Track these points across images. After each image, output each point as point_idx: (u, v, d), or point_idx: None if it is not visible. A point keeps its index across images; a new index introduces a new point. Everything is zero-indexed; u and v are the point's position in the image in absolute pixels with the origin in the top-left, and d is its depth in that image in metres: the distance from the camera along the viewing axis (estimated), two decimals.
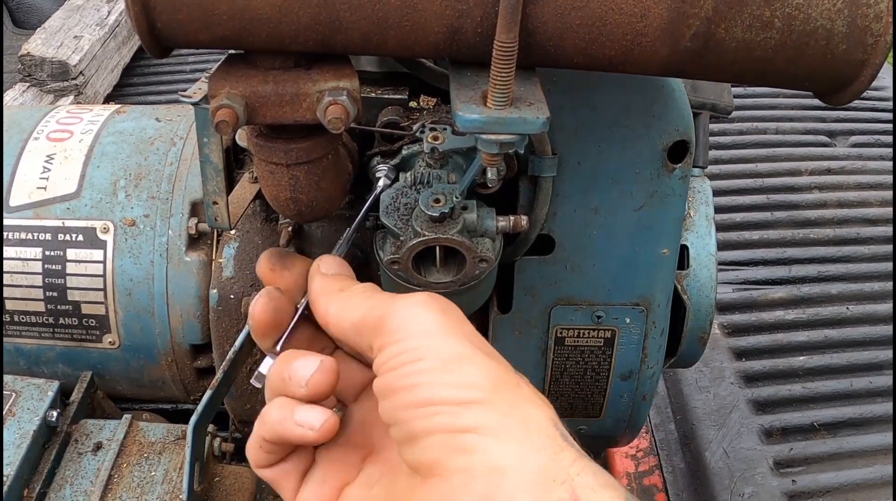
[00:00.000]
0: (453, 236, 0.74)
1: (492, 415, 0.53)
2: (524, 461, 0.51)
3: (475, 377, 0.54)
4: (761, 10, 0.60)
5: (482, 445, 0.52)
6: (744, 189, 2.26)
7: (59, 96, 2.41)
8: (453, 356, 0.55)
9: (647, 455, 1.70)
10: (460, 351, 0.55)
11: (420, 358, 0.55)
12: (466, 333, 0.58)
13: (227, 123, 0.63)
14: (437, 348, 0.56)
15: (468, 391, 0.53)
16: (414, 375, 0.55)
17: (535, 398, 0.55)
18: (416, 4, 0.61)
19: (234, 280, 1.00)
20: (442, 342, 0.56)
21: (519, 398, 0.54)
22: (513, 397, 0.54)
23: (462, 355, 0.55)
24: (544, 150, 0.85)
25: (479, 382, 0.54)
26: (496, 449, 0.52)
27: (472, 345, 0.56)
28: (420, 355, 0.56)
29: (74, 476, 0.95)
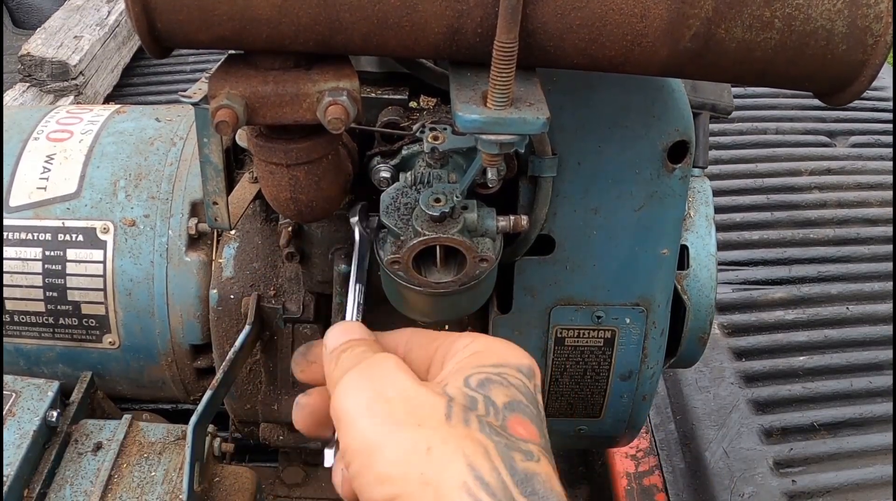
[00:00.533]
0: (454, 235, 0.74)
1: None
2: None
3: (386, 467, 0.56)
4: (761, 10, 0.60)
5: None
6: (744, 189, 2.26)
7: (59, 96, 2.41)
8: (368, 449, 0.57)
9: (647, 455, 1.70)
10: (372, 441, 0.57)
11: (350, 462, 0.58)
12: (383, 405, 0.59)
13: (227, 123, 0.63)
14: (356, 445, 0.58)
15: (384, 487, 0.55)
16: (354, 479, 0.58)
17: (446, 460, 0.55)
18: (416, 5, 0.61)
19: (234, 280, 1.00)
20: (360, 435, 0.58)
21: (428, 471, 0.55)
22: (422, 473, 0.55)
23: (372, 445, 0.57)
24: (544, 150, 0.85)
25: (390, 471, 0.55)
26: None
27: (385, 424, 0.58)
28: (349, 458, 0.58)
29: (74, 477, 0.95)
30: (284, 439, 1.11)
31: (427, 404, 0.58)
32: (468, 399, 0.58)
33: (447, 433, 0.56)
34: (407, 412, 0.58)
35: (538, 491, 0.54)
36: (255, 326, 0.97)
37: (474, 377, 0.60)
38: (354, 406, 0.59)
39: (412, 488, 0.55)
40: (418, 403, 0.58)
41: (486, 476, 0.54)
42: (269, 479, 1.27)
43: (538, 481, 0.55)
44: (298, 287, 0.99)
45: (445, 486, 0.54)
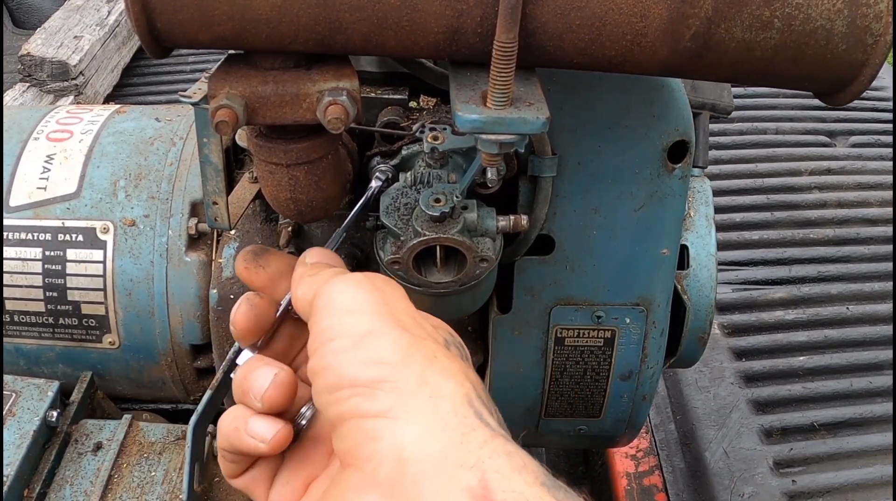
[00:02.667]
0: (454, 235, 0.74)
1: (400, 395, 0.50)
2: (430, 445, 0.48)
3: (384, 351, 0.52)
4: (761, 10, 0.60)
5: (389, 430, 0.49)
6: (744, 189, 2.26)
7: (59, 96, 2.41)
8: (366, 331, 0.53)
9: (647, 455, 1.70)
10: (375, 326, 0.53)
11: (333, 338, 0.54)
12: (392, 308, 0.55)
13: (227, 123, 0.63)
14: (351, 325, 0.54)
15: (377, 368, 0.51)
16: (328, 355, 0.53)
17: (452, 370, 0.52)
18: (415, 4, 0.61)
19: (234, 280, 1.00)
20: (358, 319, 0.54)
21: (431, 371, 0.51)
22: (424, 370, 0.51)
23: (375, 330, 0.53)
24: (544, 150, 0.85)
25: (387, 356, 0.51)
26: (402, 434, 0.49)
27: (392, 320, 0.54)
28: (333, 334, 0.54)
29: (74, 477, 0.95)
30: None
31: (428, 328, 0.56)
32: (459, 346, 0.58)
33: (451, 354, 0.54)
34: (413, 324, 0.55)
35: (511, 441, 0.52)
36: None
37: (453, 337, 0.60)
38: (359, 299, 0.55)
39: (408, 377, 0.50)
40: (421, 323, 0.56)
41: (484, 399, 0.52)
42: None
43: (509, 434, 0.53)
44: None
45: (446, 389, 0.50)
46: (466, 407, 0.50)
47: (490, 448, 0.48)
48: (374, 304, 0.55)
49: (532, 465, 0.49)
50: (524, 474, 0.47)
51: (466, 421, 0.49)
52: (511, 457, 0.48)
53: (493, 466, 0.47)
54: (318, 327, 0.56)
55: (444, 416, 0.49)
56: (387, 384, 0.50)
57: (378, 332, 0.53)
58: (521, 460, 0.48)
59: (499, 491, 0.46)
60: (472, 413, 0.50)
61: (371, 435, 0.50)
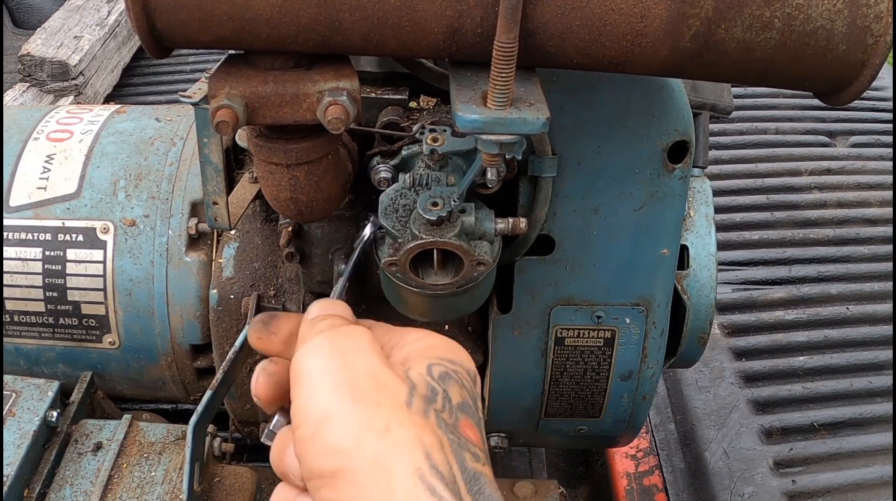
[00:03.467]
0: (451, 239, 0.74)
1: (357, 486, 0.53)
2: None
3: (338, 437, 0.54)
4: (761, 10, 0.60)
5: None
6: (744, 189, 2.26)
7: (59, 96, 2.41)
8: (322, 416, 0.55)
9: (647, 455, 1.70)
10: (330, 408, 0.56)
11: (299, 424, 0.57)
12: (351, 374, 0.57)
13: (227, 123, 0.63)
14: (310, 409, 0.56)
15: (335, 457, 0.54)
16: (297, 445, 0.57)
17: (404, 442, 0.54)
18: (416, 5, 0.61)
19: (234, 280, 1.00)
20: (315, 401, 0.56)
21: (384, 450, 0.54)
22: (377, 451, 0.53)
23: (330, 412, 0.55)
24: (544, 150, 0.85)
25: (342, 442, 0.54)
26: None
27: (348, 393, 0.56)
28: (299, 419, 0.57)
29: (74, 477, 0.95)
30: None
31: (390, 385, 0.57)
32: (429, 390, 0.58)
33: (407, 419, 0.55)
34: (370, 388, 0.56)
35: (484, 491, 0.54)
36: None
37: (436, 368, 0.60)
38: (317, 369, 0.58)
39: (362, 464, 0.53)
40: (382, 382, 0.57)
41: (440, 467, 0.53)
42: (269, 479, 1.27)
43: (484, 482, 0.55)
44: (298, 287, 0.99)
45: (399, 469, 0.53)
46: (418, 486, 0.52)
47: None
48: (331, 374, 0.57)
49: None
50: None
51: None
52: None
53: None
54: (292, 407, 0.59)
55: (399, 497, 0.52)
56: (344, 473, 0.53)
57: (332, 414, 0.55)
58: None
59: None
60: (425, 491, 0.52)
61: None
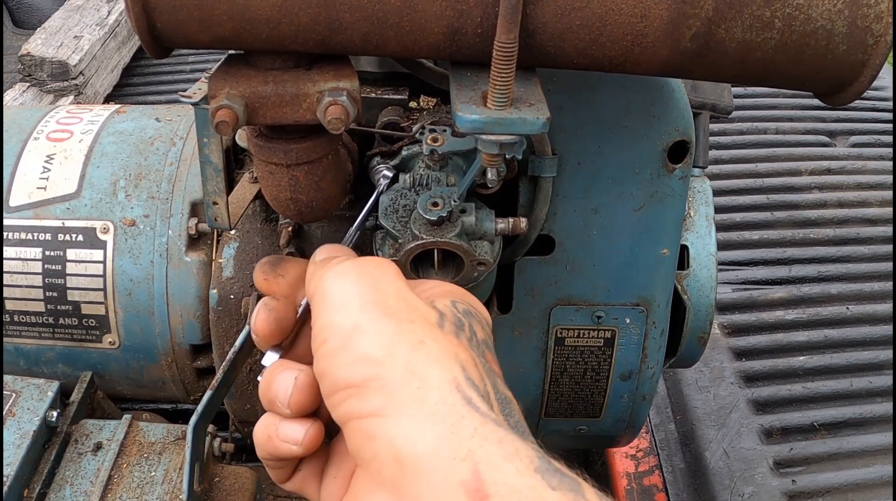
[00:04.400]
0: (451, 239, 0.74)
1: (388, 392, 0.51)
2: (422, 440, 0.49)
3: (369, 347, 0.52)
4: (761, 10, 0.60)
5: (383, 428, 0.50)
6: (744, 189, 2.26)
7: (59, 96, 2.41)
8: (352, 328, 0.54)
9: (647, 455, 1.70)
10: (360, 321, 0.54)
11: (326, 339, 0.55)
12: (381, 295, 0.56)
13: (227, 123, 0.63)
14: (338, 323, 0.55)
15: (364, 366, 0.52)
16: (322, 360, 0.55)
17: (438, 354, 0.52)
18: (416, 5, 0.61)
19: (234, 280, 1.00)
20: (344, 315, 0.55)
21: (417, 360, 0.52)
22: (410, 360, 0.51)
23: (360, 324, 0.54)
24: (544, 150, 0.85)
25: (372, 352, 0.52)
26: (396, 431, 0.50)
27: (378, 309, 0.55)
28: (325, 334, 0.55)
29: (74, 477, 0.95)
30: None
31: (420, 308, 0.57)
32: (456, 319, 0.57)
33: (440, 335, 0.54)
34: (401, 308, 0.55)
35: (514, 415, 0.53)
36: None
37: (460, 305, 0.60)
38: (347, 289, 0.56)
39: (394, 372, 0.51)
40: (412, 304, 0.56)
41: (475, 380, 0.52)
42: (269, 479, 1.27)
43: (514, 407, 0.54)
44: None
45: (433, 377, 0.51)
46: (455, 394, 0.50)
47: (480, 435, 0.48)
48: (361, 294, 0.56)
49: (524, 450, 0.48)
50: (515, 461, 0.47)
51: (455, 410, 0.49)
52: (502, 444, 0.48)
53: (484, 456, 0.47)
54: (315, 327, 0.57)
55: (433, 407, 0.50)
56: (375, 381, 0.51)
57: (363, 326, 0.54)
58: (513, 445, 0.48)
59: (491, 484, 0.46)
60: (461, 400, 0.50)
61: (369, 435, 0.51)
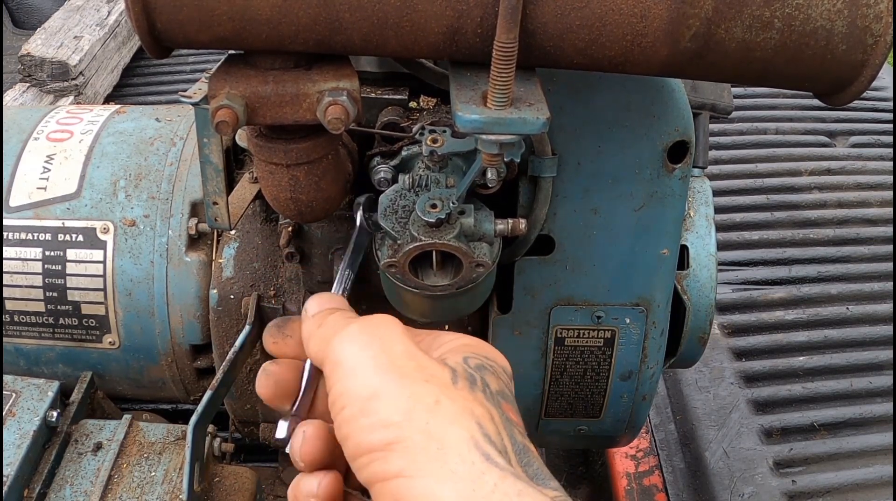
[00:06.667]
0: (450, 241, 0.74)
1: (410, 454, 0.53)
2: (444, 498, 0.51)
3: (388, 412, 0.54)
4: (761, 10, 0.60)
5: (408, 489, 0.52)
6: (744, 189, 2.26)
7: (59, 97, 2.41)
8: (369, 394, 0.56)
9: (647, 455, 1.70)
10: (377, 386, 0.56)
11: (344, 406, 0.57)
12: (392, 357, 0.58)
13: (227, 123, 0.63)
14: (356, 390, 0.56)
15: (384, 431, 0.54)
16: (343, 425, 0.56)
17: (454, 414, 0.54)
18: (415, 5, 0.61)
19: (234, 280, 1.00)
20: (361, 382, 0.57)
21: (435, 422, 0.54)
22: (428, 423, 0.54)
23: (378, 390, 0.55)
24: (544, 150, 0.85)
25: (392, 417, 0.54)
26: (420, 492, 0.52)
27: (393, 372, 0.56)
28: (344, 401, 0.57)
29: (74, 477, 0.95)
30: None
31: (432, 367, 0.58)
32: (468, 375, 0.58)
33: (455, 393, 0.56)
34: (413, 368, 0.57)
35: (532, 465, 0.54)
36: (255, 326, 0.97)
37: (472, 360, 0.60)
38: (358, 354, 0.58)
39: (414, 435, 0.53)
40: (423, 365, 0.58)
41: (492, 436, 0.54)
42: (269, 479, 1.27)
43: (532, 456, 0.55)
44: (298, 287, 0.99)
45: (451, 438, 0.53)
46: (474, 452, 0.52)
47: (501, 491, 0.50)
48: (374, 358, 0.58)
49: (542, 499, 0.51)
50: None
51: (475, 467, 0.52)
52: (521, 497, 0.50)
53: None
54: (332, 394, 0.58)
55: (453, 466, 0.52)
56: (397, 444, 0.53)
57: (380, 392, 0.55)
58: (531, 498, 0.51)
59: None
60: (480, 457, 0.52)
61: (395, 496, 0.53)
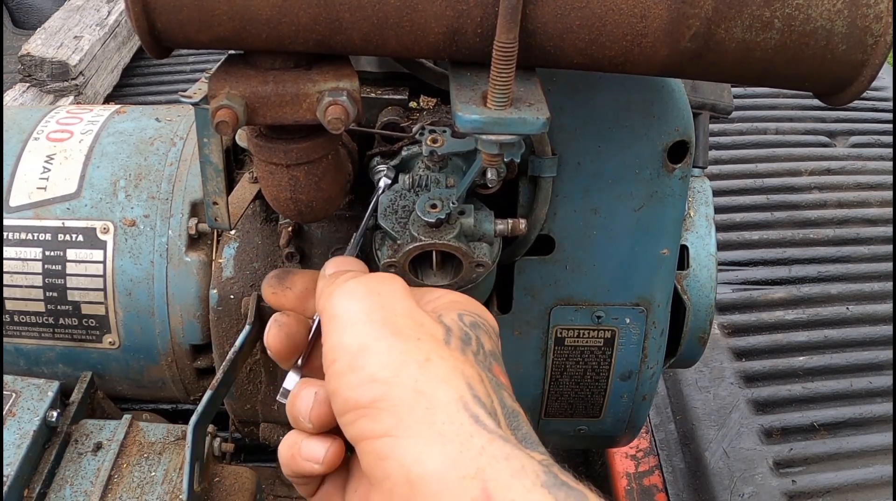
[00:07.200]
0: (449, 241, 0.74)
1: (397, 413, 0.52)
2: (432, 460, 0.50)
3: (376, 367, 0.53)
4: (761, 10, 0.60)
5: (394, 449, 0.51)
6: (744, 189, 2.26)
7: (59, 96, 2.41)
8: (359, 348, 0.55)
9: (647, 455, 1.70)
10: (367, 340, 0.55)
11: (335, 359, 0.56)
12: (388, 312, 0.57)
13: (227, 123, 0.63)
14: (346, 343, 0.56)
15: (372, 387, 0.53)
16: (332, 380, 0.56)
17: (445, 372, 0.53)
18: (416, 5, 0.61)
19: (234, 280, 1.00)
20: (352, 335, 0.56)
21: (424, 379, 0.53)
22: (417, 380, 0.52)
23: (367, 344, 0.55)
24: (544, 150, 0.85)
25: (379, 373, 0.53)
26: (406, 452, 0.51)
27: (385, 328, 0.55)
28: (334, 354, 0.56)
29: (74, 477, 0.95)
30: None
31: (427, 324, 0.57)
32: (463, 334, 0.58)
33: (447, 353, 0.55)
34: (408, 326, 0.56)
35: (521, 428, 0.54)
36: (255, 326, 0.97)
37: (466, 317, 0.60)
38: (355, 308, 0.58)
39: (402, 393, 0.52)
40: (419, 321, 0.57)
41: (482, 398, 0.53)
42: (269, 479, 1.27)
43: (521, 420, 0.55)
44: None
45: (440, 397, 0.52)
46: (462, 413, 0.51)
47: (489, 454, 0.49)
48: (368, 312, 0.57)
49: (530, 465, 0.49)
50: (522, 478, 0.48)
51: (463, 428, 0.51)
52: (509, 461, 0.49)
53: (492, 473, 0.48)
54: (325, 346, 0.58)
55: (441, 427, 0.51)
56: (384, 402, 0.52)
57: (370, 346, 0.55)
58: (520, 462, 0.49)
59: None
60: (468, 418, 0.51)
61: (380, 455, 0.52)
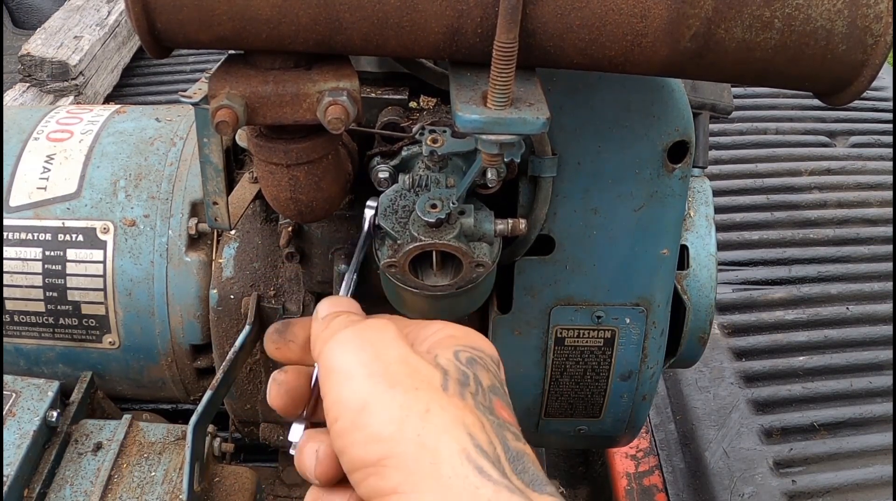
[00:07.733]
0: (450, 241, 0.74)
1: (404, 469, 0.52)
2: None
3: (380, 424, 0.54)
4: (761, 10, 0.60)
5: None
6: (744, 189, 2.26)
7: (59, 96, 2.41)
8: (360, 405, 0.55)
9: (647, 455, 1.70)
10: (367, 396, 0.55)
11: (337, 417, 0.56)
12: (384, 363, 0.57)
13: (227, 123, 0.63)
14: (347, 401, 0.56)
15: (378, 446, 0.54)
16: (337, 439, 0.56)
17: (446, 423, 0.54)
18: (416, 5, 0.61)
19: (233, 280, 1.00)
20: (351, 392, 0.56)
21: (427, 432, 0.53)
22: (420, 434, 0.53)
23: (368, 401, 0.55)
24: (544, 150, 0.85)
25: (384, 430, 0.54)
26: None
27: (384, 381, 0.56)
28: (336, 413, 0.56)
29: (74, 477, 0.95)
30: (284, 439, 1.11)
31: (424, 371, 0.57)
32: (461, 374, 0.58)
33: (446, 401, 0.55)
34: (404, 374, 0.57)
35: (528, 470, 0.54)
36: (255, 326, 0.97)
37: (462, 354, 0.60)
38: (350, 362, 0.58)
39: (406, 449, 0.53)
40: (415, 368, 0.57)
41: (484, 446, 0.53)
42: (269, 479, 1.27)
43: (527, 460, 0.55)
44: (298, 287, 0.99)
45: (443, 450, 0.52)
46: (466, 465, 0.52)
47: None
48: (364, 365, 0.57)
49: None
50: None
51: (468, 481, 0.51)
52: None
53: None
54: (326, 402, 0.58)
55: (447, 481, 0.51)
56: (390, 459, 0.53)
57: (371, 403, 0.55)
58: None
59: None
60: (473, 470, 0.52)
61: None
